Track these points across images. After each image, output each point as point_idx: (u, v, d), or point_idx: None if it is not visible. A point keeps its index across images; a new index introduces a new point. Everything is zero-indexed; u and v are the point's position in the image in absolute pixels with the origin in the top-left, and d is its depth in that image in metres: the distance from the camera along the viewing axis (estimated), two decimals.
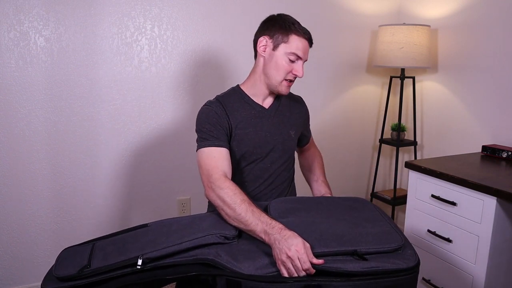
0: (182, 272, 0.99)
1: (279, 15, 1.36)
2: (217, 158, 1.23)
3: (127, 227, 2.12)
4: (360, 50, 2.58)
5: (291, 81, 1.34)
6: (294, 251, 0.98)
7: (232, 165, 1.30)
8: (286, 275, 0.99)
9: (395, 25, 2.24)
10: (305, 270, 0.98)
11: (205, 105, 1.36)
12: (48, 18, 1.84)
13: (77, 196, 2.02)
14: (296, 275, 0.99)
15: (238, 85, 1.43)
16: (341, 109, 2.59)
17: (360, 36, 2.55)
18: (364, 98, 2.66)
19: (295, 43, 1.28)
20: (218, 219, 1.14)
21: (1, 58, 1.79)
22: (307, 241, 1.02)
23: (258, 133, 1.37)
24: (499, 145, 1.97)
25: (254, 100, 1.40)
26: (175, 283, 1.06)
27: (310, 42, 1.32)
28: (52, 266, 1.07)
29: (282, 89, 1.34)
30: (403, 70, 2.39)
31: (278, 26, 1.31)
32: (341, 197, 1.32)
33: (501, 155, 1.88)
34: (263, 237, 1.06)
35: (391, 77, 2.51)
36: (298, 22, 1.32)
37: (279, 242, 1.01)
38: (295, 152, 1.58)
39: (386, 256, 0.99)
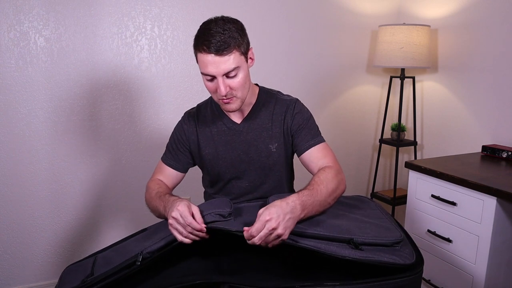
0: (185, 281, 0.99)
1: (200, 27, 1.15)
2: (161, 171, 1.36)
3: (127, 227, 2.13)
4: (360, 50, 2.58)
5: (227, 98, 1.16)
6: (175, 211, 0.99)
7: (212, 184, 1.38)
8: (179, 238, 0.99)
9: (395, 25, 2.24)
10: (198, 230, 0.98)
11: (183, 114, 1.37)
12: (48, 18, 1.84)
13: (77, 196, 2.02)
14: (187, 235, 0.98)
15: None
16: (341, 109, 2.59)
17: (360, 36, 2.55)
18: (364, 98, 2.66)
19: (201, 61, 1.12)
20: (211, 202, 1.12)
21: (1, 58, 1.79)
22: (304, 228, 1.00)
23: (229, 152, 1.29)
24: (499, 145, 1.97)
25: (226, 113, 1.30)
26: None
27: (213, 50, 1.08)
28: (56, 285, 1.07)
29: (224, 107, 1.20)
30: (403, 70, 2.39)
31: (193, 47, 1.15)
32: (343, 195, 1.31)
33: (501, 155, 1.88)
34: (166, 214, 1.08)
35: (391, 77, 2.51)
36: (208, 30, 1.10)
37: (168, 210, 1.04)
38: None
39: (383, 250, 0.97)
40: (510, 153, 1.84)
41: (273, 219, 0.93)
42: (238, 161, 1.29)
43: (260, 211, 0.96)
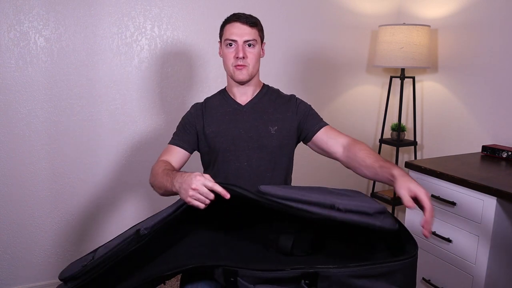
0: (180, 266, 1.00)
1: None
2: (168, 152, 1.41)
3: (127, 226, 2.13)
4: (360, 50, 2.58)
5: (239, 66, 1.34)
6: (196, 182, 1.01)
7: (213, 165, 1.43)
8: (202, 206, 1.02)
9: (395, 25, 2.24)
10: (211, 190, 1.01)
11: (192, 105, 1.50)
12: (48, 18, 1.84)
13: (77, 196, 2.02)
14: (208, 202, 1.01)
15: (225, 86, 1.49)
16: (341, 109, 2.59)
17: (360, 36, 2.55)
18: (364, 98, 2.66)
19: (228, 31, 1.35)
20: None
21: (1, 58, 1.79)
22: (289, 193, 1.02)
23: (231, 129, 1.38)
24: (499, 145, 1.97)
25: (232, 97, 1.43)
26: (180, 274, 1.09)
27: (243, 20, 1.33)
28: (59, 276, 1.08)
29: (235, 75, 1.36)
30: (403, 70, 2.39)
31: (220, 28, 1.42)
32: (334, 187, 1.31)
33: (501, 155, 1.88)
34: (174, 189, 1.11)
35: (391, 77, 2.51)
36: (238, 13, 1.37)
37: (181, 184, 1.06)
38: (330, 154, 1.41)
39: (365, 217, 0.97)
40: (510, 153, 1.84)
41: (419, 186, 1.01)
42: (239, 139, 1.38)
43: (405, 188, 1.02)
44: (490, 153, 1.93)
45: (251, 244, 1.11)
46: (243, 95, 1.42)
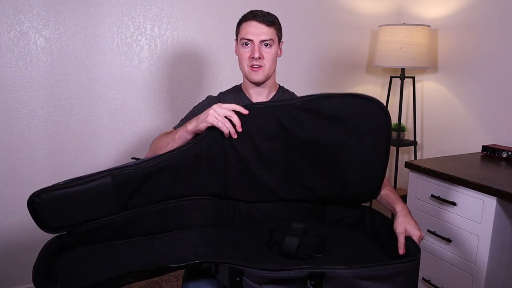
0: (185, 261, 1.00)
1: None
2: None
3: None
4: (360, 50, 2.58)
5: (255, 66, 1.33)
6: (215, 106, 1.11)
7: None
8: (220, 125, 1.10)
9: (395, 25, 2.24)
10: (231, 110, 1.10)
11: (205, 97, 1.48)
12: (48, 18, 1.84)
13: None
14: (225, 121, 1.10)
15: (240, 83, 1.48)
16: None
17: (360, 36, 2.55)
18: None
19: (244, 29, 1.33)
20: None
21: (1, 58, 1.79)
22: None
23: None
24: (499, 145, 1.97)
25: (248, 97, 1.42)
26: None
27: (259, 19, 1.30)
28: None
29: (251, 76, 1.35)
30: (403, 70, 2.39)
31: (237, 25, 1.39)
32: None
33: (501, 155, 1.88)
34: (190, 127, 1.16)
35: (391, 77, 2.51)
36: (255, 10, 1.34)
37: (199, 116, 1.14)
38: None
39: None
40: (510, 153, 1.84)
41: (417, 228, 1.13)
42: None
43: (401, 229, 1.11)
44: (490, 153, 1.93)
45: (254, 245, 1.11)
46: (259, 96, 1.41)
